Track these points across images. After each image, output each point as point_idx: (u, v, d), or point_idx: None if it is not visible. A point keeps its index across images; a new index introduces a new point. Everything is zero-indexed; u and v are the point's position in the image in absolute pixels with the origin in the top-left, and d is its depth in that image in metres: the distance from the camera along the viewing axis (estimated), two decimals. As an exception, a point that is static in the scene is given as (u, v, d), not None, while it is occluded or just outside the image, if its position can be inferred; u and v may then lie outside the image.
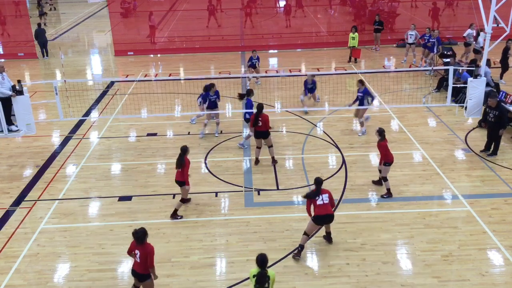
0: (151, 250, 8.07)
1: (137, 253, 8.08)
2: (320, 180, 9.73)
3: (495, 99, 13.27)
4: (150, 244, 8.17)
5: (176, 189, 12.36)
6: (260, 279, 7.50)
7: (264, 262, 7.57)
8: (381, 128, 11.79)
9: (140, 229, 8.10)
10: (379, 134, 11.66)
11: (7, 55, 26.51)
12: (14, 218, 11.46)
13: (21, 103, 12.99)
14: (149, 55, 25.96)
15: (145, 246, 8.06)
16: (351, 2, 34.71)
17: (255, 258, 7.68)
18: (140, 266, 8.12)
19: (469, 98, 13.79)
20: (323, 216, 9.62)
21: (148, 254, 8.02)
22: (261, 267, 7.56)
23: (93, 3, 41.47)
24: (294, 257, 9.76)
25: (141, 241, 8.03)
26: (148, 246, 8.09)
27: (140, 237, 8.02)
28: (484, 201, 11.59)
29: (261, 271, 7.54)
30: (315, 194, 9.62)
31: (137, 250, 8.07)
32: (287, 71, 22.09)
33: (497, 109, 13.12)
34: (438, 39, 20.51)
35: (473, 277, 9.20)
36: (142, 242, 8.04)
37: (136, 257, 8.10)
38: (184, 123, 16.46)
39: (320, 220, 9.70)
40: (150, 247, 8.10)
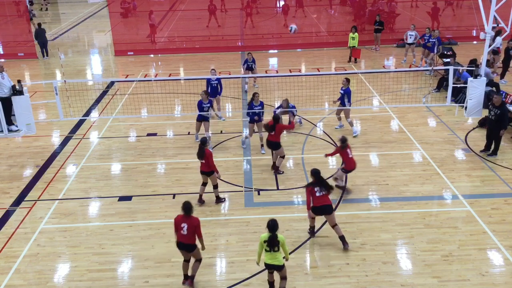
0: (198, 222, 8.61)
1: (183, 226, 8.54)
2: (316, 171, 9.89)
3: (499, 97, 13.32)
4: (196, 217, 8.70)
5: (176, 189, 12.42)
6: (272, 242, 8.13)
7: (275, 227, 8.16)
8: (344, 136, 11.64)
9: (188, 202, 8.63)
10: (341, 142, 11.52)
11: (7, 55, 26.51)
12: (14, 218, 11.46)
13: (21, 103, 12.99)
14: (149, 55, 25.96)
15: (192, 218, 8.59)
16: (351, 2, 34.71)
17: (266, 224, 8.21)
18: (187, 238, 8.60)
19: (469, 98, 13.79)
20: (321, 207, 9.77)
21: (196, 226, 8.56)
22: (272, 232, 8.14)
23: (93, 3, 41.49)
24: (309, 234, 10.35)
25: (189, 212, 8.55)
26: (194, 218, 8.63)
27: (189, 208, 8.54)
28: (484, 201, 11.59)
29: (272, 235, 8.13)
30: (314, 183, 9.79)
31: (184, 223, 8.55)
32: (287, 71, 22.10)
33: (500, 108, 13.12)
34: (438, 39, 20.51)
35: (473, 277, 9.20)
36: (189, 214, 8.55)
37: (183, 229, 8.54)
38: (184, 123, 16.46)
39: (319, 211, 9.83)
40: (196, 219, 8.64)
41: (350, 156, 11.62)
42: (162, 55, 26.02)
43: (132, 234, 10.73)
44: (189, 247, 8.73)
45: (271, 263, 8.36)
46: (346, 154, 11.59)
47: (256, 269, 9.51)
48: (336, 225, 9.94)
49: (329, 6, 36.29)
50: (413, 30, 21.88)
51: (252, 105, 13.78)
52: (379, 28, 24.38)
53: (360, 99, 18.21)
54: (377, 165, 13.43)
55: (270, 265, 8.41)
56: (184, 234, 8.57)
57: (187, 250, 8.78)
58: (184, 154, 14.28)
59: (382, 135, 15.22)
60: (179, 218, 8.67)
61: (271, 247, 8.19)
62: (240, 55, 25.17)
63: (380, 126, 15.85)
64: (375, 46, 25.04)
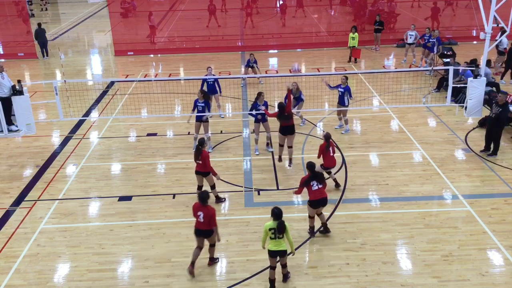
0: (213, 211, 9.09)
1: (200, 214, 9.05)
2: (312, 164, 10.08)
3: (504, 96, 13.38)
4: (211, 206, 9.17)
5: (176, 189, 12.43)
6: (280, 228, 8.50)
7: (280, 214, 8.59)
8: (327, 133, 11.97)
9: (205, 191, 9.19)
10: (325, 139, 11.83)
11: (7, 55, 26.51)
12: (14, 218, 11.46)
13: (21, 103, 12.99)
14: (149, 55, 25.96)
15: (208, 208, 9.06)
16: (351, 2, 34.72)
17: (271, 211, 8.62)
18: (204, 225, 9.12)
19: (469, 98, 13.78)
20: (318, 200, 9.99)
21: (211, 215, 9.02)
22: (278, 219, 8.52)
23: (93, 3, 41.49)
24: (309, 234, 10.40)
25: (205, 202, 9.03)
26: (210, 208, 9.09)
27: (204, 198, 9.04)
28: (484, 201, 11.59)
29: (280, 221, 8.52)
30: (310, 179, 9.92)
31: (201, 211, 9.04)
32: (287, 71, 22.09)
33: (502, 106, 13.14)
34: (438, 39, 20.51)
35: (473, 277, 9.20)
36: (205, 204, 9.03)
37: (200, 217, 9.07)
38: (184, 123, 16.45)
39: (316, 204, 10.04)
40: (212, 208, 9.10)
41: (331, 154, 11.82)
42: (162, 55, 26.02)
43: (132, 234, 10.73)
44: (206, 233, 9.25)
45: (276, 250, 8.65)
46: (328, 152, 11.76)
47: (256, 269, 9.53)
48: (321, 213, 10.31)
49: (329, 6, 36.28)
50: (413, 30, 21.85)
51: (257, 104, 13.71)
52: (379, 28, 24.38)
53: (360, 99, 18.21)
54: (377, 165, 13.43)
55: (275, 252, 8.68)
56: (201, 221, 9.10)
57: (205, 236, 9.30)
58: (184, 154, 14.29)
59: (382, 135, 15.22)
60: (196, 206, 9.15)
61: (277, 234, 8.54)
62: (240, 55, 25.17)
63: (380, 126, 15.85)
64: (375, 46, 25.04)
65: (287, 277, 9.19)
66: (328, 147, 11.79)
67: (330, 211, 11.30)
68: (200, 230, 9.22)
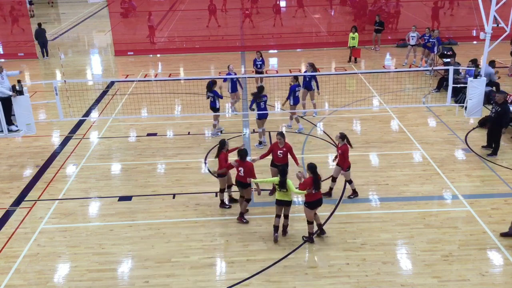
0: (252, 166, 10.54)
1: (241, 169, 10.50)
2: (313, 165, 9.98)
3: (503, 95, 13.42)
4: (250, 162, 10.65)
5: (176, 189, 12.43)
6: (283, 183, 9.82)
7: (285, 172, 9.90)
8: (342, 133, 11.58)
9: (244, 149, 10.64)
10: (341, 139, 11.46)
11: (7, 55, 26.50)
12: (14, 218, 11.46)
13: (21, 103, 13.00)
14: (149, 55, 25.95)
15: (246, 163, 10.51)
16: (351, 2, 34.72)
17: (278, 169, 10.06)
18: (243, 178, 10.52)
19: (469, 98, 13.78)
20: (316, 201, 10.01)
21: (250, 169, 10.47)
22: (282, 176, 9.80)
23: (93, 3, 41.50)
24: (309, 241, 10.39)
25: (244, 158, 10.47)
26: (248, 163, 10.55)
27: (244, 155, 10.50)
28: (484, 201, 11.59)
29: (282, 178, 9.80)
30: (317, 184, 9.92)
31: (241, 167, 10.48)
32: (287, 71, 22.09)
33: (501, 106, 13.15)
34: (438, 39, 20.50)
35: (473, 277, 9.20)
36: (244, 160, 10.48)
37: (241, 172, 10.50)
38: (184, 123, 16.46)
39: (314, 205, 10.05)
40: (250, 164, 10.57)
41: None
42: (162, 55, 26.02)
43: (132, 234, 10.73)
44: (244, 184, 10.64)
45: (281, 199, 10.03)
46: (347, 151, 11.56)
47: (256, 269, 9.53)
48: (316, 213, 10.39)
49: (329, 6, 36.28)
50: (415, 31, 21.77)
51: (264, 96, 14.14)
52: (379, 28, 24.37)
53: (360, 99, 18.21)
54: (377, 165, 13.43)
55: (281, 201, 10.06)
56: (241, 175, 10.51)
57: (243, 187, 10.69)
58: (184, 154, 14.29)
59: (382, 135, 15.22)
60: (238, 162, 10.52)
61: (281, 188, 9.87)
62: (240, 55, 25.17)
63: (380, 126, 15.85)
64: (375, 46, 25.03)
65: (286, 230, 10.46)
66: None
67: (330, 211, 11.30)
68: (240, 181, 10.65)
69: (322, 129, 15.77)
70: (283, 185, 9.87)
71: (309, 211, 10.08)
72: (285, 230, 10.47)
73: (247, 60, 23.66)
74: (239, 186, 10.77)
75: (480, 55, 19.92)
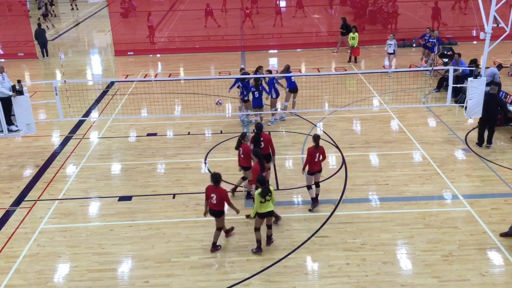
0: (226, 193, 9.72)
1: (213, 196, 9.59)
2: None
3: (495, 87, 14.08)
4: (223, 188, 9.74)
5: (176, 189, 12.43)
6: (265, 191, 9.43)
7: (265, 180, 9.51)
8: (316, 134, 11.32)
9: (218, 173, 9.70)
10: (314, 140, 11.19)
11: (7, 55, 26.50)
12: (14, 218, 11.46)
13: (21, 103, 13.00)
14: (149, 55, 25.95)
15: (220, 189, 9.64)
16: (351, 2, 34.72)
17: (257, 180, 9.49)
18: (216, 206, 9.71)
19: (469, 98, 13.78)
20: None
21: (224, 196, 9.64)
22: (263, 185, 9.42)
23: (93, 3, 41.52)
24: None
25: (218, 183, 9.59)
26: (222, 189, 9.68)
27: (217, 180, 9.60)
28: (484, 201, 11.58)
29: (264, 186, 9.43)
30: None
31: (213, 194, 9.60)
32: None
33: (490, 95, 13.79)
34: (438, 39, 20.49)
35: (473, 277, 9.20)
36: (218, 185, 9.59)
37: (213, 199, 9.62)
38: (184, 123, 16.46)
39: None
40: (224, 190, 9.71)
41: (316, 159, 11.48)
42: (162, 55, 26.01)
43: (132, 234, 10.73)
44: (217, 213, 9.83)
45: (265, 211, 9.61)
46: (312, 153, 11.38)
47: (256, 269, 9.53)
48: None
49: (329, 6, 36.29)
50: (392, 39, 20.73)
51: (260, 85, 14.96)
52: (344, 31, 24.21)
53: (360, 99, 18.22)
54: (377, 165, 13.43)
55: (265, 214, 9.65)
56: (214, 203, 9.66)
57: (215, 215, 9.86)
58: (184, 154, 14.29)
59: (382, 135, 15.22)
60: (209, 188, 9.69)
61: (265, 196, 9.44)
62: (240, 55, 25.16)
63: (380, 126, 15.85)
64: (336, 49, 24.88)
65: (271, 240, 10.11)
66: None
67: (330, 211, 11.30)
68: (212, 210, 9.83)
69: (322, 129, 15.77)
70: (266, 192, 9.42)
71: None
72: (269, 239, 10.10)
73: (247, 60, 23.66)
74: (211, 214, 9.89)
75: (480, 55, 19.92)
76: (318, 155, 10.92)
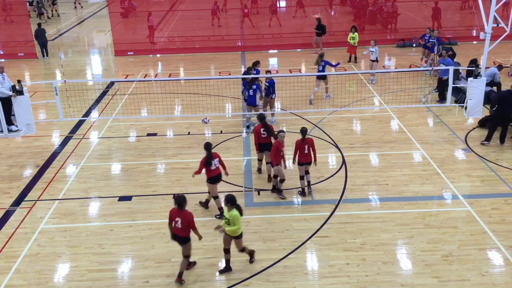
0: (191, 216, 8.91)
1: (177, 220, 8.86)
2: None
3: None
4: (189, 211, 8.98)
5: (176, 189, 12.44)
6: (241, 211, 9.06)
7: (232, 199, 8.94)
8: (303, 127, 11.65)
9: (182, 195, 8.92)
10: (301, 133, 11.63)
11: (7, 55, 26.50)
12: (14, 218, 11.46)
13: (21, 103, 13.00)
14: (149, 55, 25.95)
15: (185, 213, 8.88)
16: (351, 2, 34.71)
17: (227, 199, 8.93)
18: (181, 231, 8.93)
19: (469, 98, 13.79)
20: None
21: (189, 220, 8.86)
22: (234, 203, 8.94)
23: (93, 3, 41.49)
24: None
25: (182, 207, 8.84)
26: (188, 213, 8.92)
27: (182, 203, 8.84)
28: (484, 201, 11.59)
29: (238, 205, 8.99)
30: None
31: (178, 217, 8.86)
32: (287, 71, 22.10)
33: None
34: (438, 39, 20.49)
35: (473, 277, 9.20)
36: (183, 208, 8.85)
37: (178, 223, 8.87)
38: (184, 123, 16.46)
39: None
40: (190, 214, 8.93)
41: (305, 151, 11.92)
42: (162, 55, 26.01)
43: (132, 234, 10.73)
44: (182, 239, 9.02)
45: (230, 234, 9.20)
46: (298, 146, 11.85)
47: (256, 269, 9.53)
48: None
49: (329, 6, 36.28)
50: (374, 46, 19.57)
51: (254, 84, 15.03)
52: (319, 32, 24.18)
53: (360, 99, 18.22)
54: (377, 165, 13.43)
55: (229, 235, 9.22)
56: (179, 227, 8.90)
57: (180, 242, 9.07)
58: (184, 154, 14.29)
59: (382, 135, 15.22)
60: (173, 211, 8.96)
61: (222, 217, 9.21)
62: (240, 55, 25.16)
63: (380, 126, 15.85)
64: (315, 50, 24.86)
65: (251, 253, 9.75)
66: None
67: (330, 211, 11.30)
68: (176, 235, 9.03)
69: (322, 129, 15.76)
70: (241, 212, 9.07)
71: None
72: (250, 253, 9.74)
73: (247, 60, 23.65)
74: (176, 240, 9.13)
75: (480, 55, 19.96)
76: (307, 147, 11.54)
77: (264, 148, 12.48)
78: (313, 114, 16.79)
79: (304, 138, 11.48)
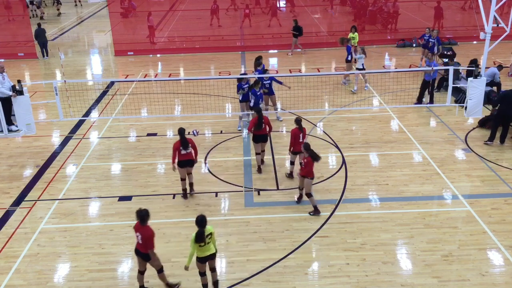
0: (151, 234, 8.33)
1: (138, 235, 8.42)
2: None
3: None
4: (151, 228, 8.43)
5: (176, 189, 12.40)
6: (199, 236, 8.25)
7: (203, 222, 8.25)
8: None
9: (144, 210, 8.41)
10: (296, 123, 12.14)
11: (7, 55, 26.49)
12: (14, 218, 11.46)
13: (21, 103, 12.99)
14: (149, 55, 25.95)
15: (146, 228, 8.35)
16: (351, 2, 34.71)
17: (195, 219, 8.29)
18: (142, 247, 8.47)
19: (469, 98, 13.79)
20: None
21: (148, 237, 8.30)
22: (200, 227, 8.25)
23: (93, 3, 41.49)
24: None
25: (143, 222, 8.34)
26: (148, 229, 8.36)
27: (143, 217, 8.35)
28: (484, 201, 11.59)
29: (199, 230, 8.24)
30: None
31: (139, 232, 8.39)
32: (287, 71, 22.10)
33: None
34: (438, 39, 20.49)
35: (473, 277, 9.20)
36: (144, 223, 8.34)
37: (138, 238, 8.43)
38: (184, 123, 16.45)
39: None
40: (150, 230, 8.36)
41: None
42: (162, 55, 26.01)
43: (132, 234, 10.66)
44: (144, 256, 8.62)
45: (206, 255, 8.52)
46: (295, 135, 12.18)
47: (256, 269, 9.53)
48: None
49: (329, 6, 36.29)
50: (361, 52, 18.61)
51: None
52: (296, 33, 24.17)
53: (360, 99, 18.22)
54: (377, 165, 13.43)
55: (206, 257, 8.55)
56: (140, 243, 8.50)
57: (143, 258, 8.69)
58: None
59: (382, 135, 15.22)
60: (136, 226, 8.56)
61: (200, 241, 8.31)
62: (240, 55, 25.16)
63: (380, 126, 15.85)
64: (291, 51, 24.86)
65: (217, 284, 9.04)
66: None
67: (330, 211, 11.30)
68: (138, 251, 8.62)
69: (322, 129, 15.77)
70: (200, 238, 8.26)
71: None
72: (216, 285, 9.07)
73: (247, 60, 23.65)
74: (138, 255, 8.72)
75: (480, 55, 19.95)
76: (301, 136, 12.02)
77: (259, 140, 12.76)
78: (313, 114, 16.78)
79: (301, 126, 11.99)
